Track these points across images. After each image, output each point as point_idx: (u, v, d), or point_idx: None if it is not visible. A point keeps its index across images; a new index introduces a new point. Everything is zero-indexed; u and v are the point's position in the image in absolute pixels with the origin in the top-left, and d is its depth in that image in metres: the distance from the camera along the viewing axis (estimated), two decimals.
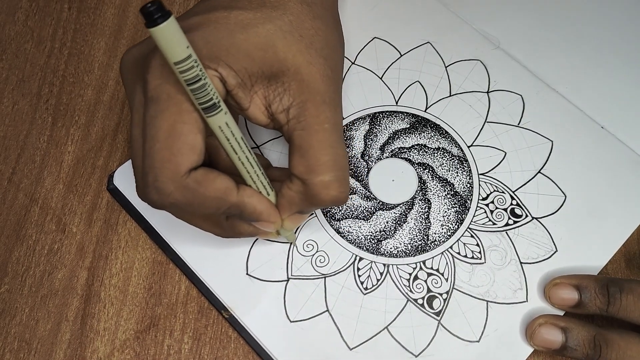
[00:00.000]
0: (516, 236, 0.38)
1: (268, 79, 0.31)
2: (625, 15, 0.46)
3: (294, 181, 0.32)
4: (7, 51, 0.45)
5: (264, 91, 0.31)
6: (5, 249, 0.39)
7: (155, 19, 0.25)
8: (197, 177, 0.29)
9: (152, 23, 0.25)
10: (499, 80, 0.43)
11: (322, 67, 0.31)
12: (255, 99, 0.31)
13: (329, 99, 0.31)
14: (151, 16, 0.25)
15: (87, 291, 0.37)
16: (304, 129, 0.31)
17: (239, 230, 0.34)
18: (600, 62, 0.44)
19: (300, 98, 0.31)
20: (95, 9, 0.47)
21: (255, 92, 0.31)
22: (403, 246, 0.38)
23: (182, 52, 0.26)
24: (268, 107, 0.31)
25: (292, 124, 0.31)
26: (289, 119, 0.31)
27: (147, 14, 0.25)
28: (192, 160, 0.29)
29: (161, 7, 0.25)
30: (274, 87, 0.31)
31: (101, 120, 0.42)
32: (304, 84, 0.31)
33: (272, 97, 0.31)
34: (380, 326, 0.36)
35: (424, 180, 0.40)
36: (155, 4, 0.25)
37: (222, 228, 0.34)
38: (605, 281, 0.35)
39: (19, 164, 0.41)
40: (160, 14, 0.25)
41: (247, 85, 0.31)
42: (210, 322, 0.37)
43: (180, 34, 0.26)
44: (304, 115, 0.31)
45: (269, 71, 0.30)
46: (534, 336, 0.34)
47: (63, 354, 0.36)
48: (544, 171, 0.40)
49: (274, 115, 0.32)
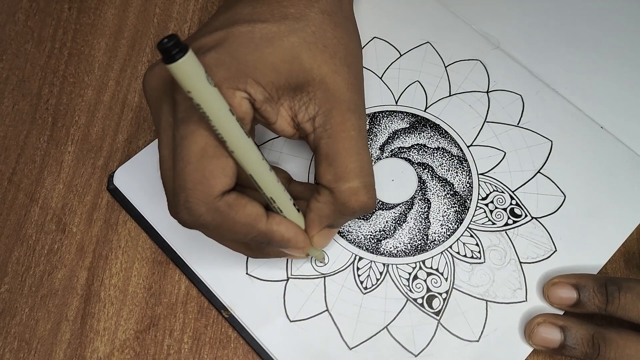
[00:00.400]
0: (516, 236, 0.38)
1: (294, 90, 0.31)
2: (625, 15, 0.46)
3: (321, 192, 0.32)
4: (7, 51, 0.45)
5: (290, 102, 0.31)
6: (5, 248, 0.39)
7: (173, 55, 0.24)
8: (229, 200, 0.29)
9: (170, 59, 0.24)
10: (499, 80, 0.43)
11: (347, 76, 0.31)
12: (281, 111, 0.31)
13: (354, 106, 0.31)
14: (169, 52, 0.24)
15: (87, 291, 0.37)
16: (331, 137, 0.31)
17: (267, 252, 0.34)
18: (600, 62, 0.44)
19: (326, 106, 0.31)
20: (96, 9, 0.47)
21: (281, 104, 0.31)
22: (403, 246, 0.38)
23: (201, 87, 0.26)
24: (294, 117, 0.31)
25: (318, 132, 0.31)
26: (315, 128, 0.31)
27: (165, 50, 0.24)
28: (224, 183, 0.29)
29: (178, 42, 0.24)
30: (299, 97, 0.31)
31: (101, 121, 0.43)
32: (330, 92, 0.31)
33: (297, 107, 0.31)
34: (379, 326, 0.36)
35: (423, 180, 0.40)
36: (172, 40, 0.24)
37: (251, 250, 0.34)
38: (603, 280, 0.35)
39: (19, 164, 0.41)
40: (177, 49, 0.24)
41: (274, 99, 0.31)
42: (210, 321, 0.37)
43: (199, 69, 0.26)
44: (330, 123, 0.31)
45: (295, 82, 0.30)
46: (532, 335, 0.35)
47: (63, 353, 0.36)
48: (543, 171, 0.40)
49: (299, 125, 0.32)
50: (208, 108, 0.27)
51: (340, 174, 0.31)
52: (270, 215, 0.31)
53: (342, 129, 0.31)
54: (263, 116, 0.31)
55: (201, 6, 0.47)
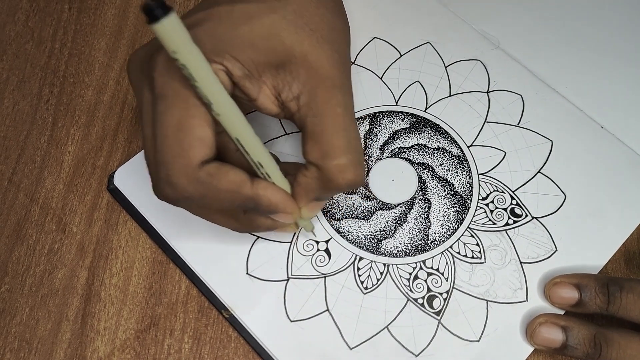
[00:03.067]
0: (516, 236, 0.38)
1: (276, 68, 0.31)
2: (625, 15, 0.46)
3: (309, 168, 0.32)
4: (7, 52, 0.45)
5: (273, 80, 0.31)
6: (6, 248, 0.39)
7: (156, 15, 0.25)
8: (210, 170, 0.29)
9: (153, 19, 0.25)
10: (499, 80, 0.43)
11: (329, 52, 0.31)
12: (264, 89, 0.31)
13: (339, 82, 0.31)
14: (152, 12, 0.25)
15: (88, 291, 0.37)
16: (316, 115, 0.31)
17: (256, 223, 0.34)
18: (600, 62, 0.44)
19: (309, 84, 0.31)
20: (96, 9, 0.47)
21: (263, 82, 0.31)
22: (403, 246, 0.38)
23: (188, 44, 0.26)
24: (278, 96, 0.31)
25: (303, 110, 0.31)
26: (300, 106, 0.31)
27: (148, 10, 0.25)
28: (203, 154, 0.29)
29: (162, 3, 0.25)
30: (283, 76, 0.31)
31: (101, 120, 0.43)
32: (312, 70, 0.31)
33: (281, 85, 0.31)
34: (380, 326, 0.36)
35: (424, 180, 0.40)
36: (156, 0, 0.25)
37: (239, 222, 0.34)
38: (605, 280, 0.35)
39: (20, 164, 0.41)
40: (161, 9, 0.25)
41: (255, 76, 0.31)
42: (210, 321, 0.37)
43: (182, 29, 0.26)
44: (314, 101, 0.31)
45: (276, 60, 0.30)
46: (534, 335, 0.34)
47: (63, 353, 0.36)
48: (543, 171, 0.40)
49: (284, 104, 0.32)
50: (193, 67, 0.27)
51: (327, 151, 0.31)
52: (256, 180, 0.31)
53: (328, 106, 0.31)
54: (243, 92, 0.31)
55: None
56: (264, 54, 0.30)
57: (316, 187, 0.32)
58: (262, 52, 0.30)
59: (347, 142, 0.31)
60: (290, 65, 0.31)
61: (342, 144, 0.31)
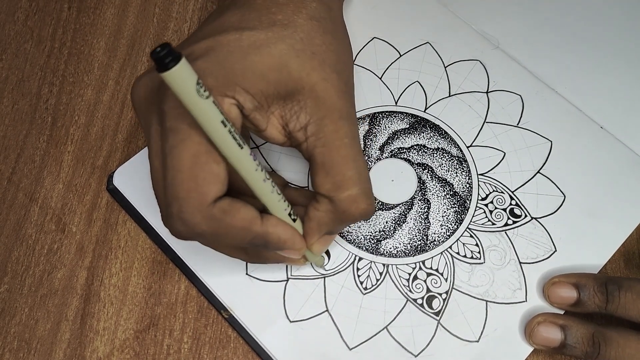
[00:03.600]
0: (515, 236, 0.38)
1: (284, 98, 0.31)
2: (625, 15, 0.46)
3: (320, 201, 0.32)
4: (6, 51, 0.45)
5: (280, 110, 0.31)
6: (5, 248, 0.39)
7: (166, 64, 0.25)
8: (224, 206, 0.29)
9: (163, 67, 0.25)
10: (498, 81, 0.43)
11: (337, 83, 0.31)
12: (272, 118, 0.31)
13: (346, 113, 0.31)
14: (162, 61, 0.24)
15: (87, 291, 0.37)
16: (325, 145, 0.31)
17: (264, 257, 0.34)
18: (600, 62, 0.44)
19: (317, 115, 0.31)
20: (95, 9, 0.47)
21: (271, 112, 0.31)
22: (402, 246, 0.38)
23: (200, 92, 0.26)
24: (285, 126, 0.31)
25: (311, 141, 0.31)
26: (308, 137, 0.31)
27: (158, 59, 0.24)
28: (217, 190, 0.29)
29: (171, 50, 0.24)
30: (290, 106, 0.31)
31: (101, 120, 0.42)
32: (320, 100, 0.31)
33: (288, 115, 0.31)
34: (379, 326, 0.36)
35: (423, 180, 0.40)
36: (165, 48, 0.24)
37: (248, 255, 0.34)
38: (603, 279, 0.35)
39: (19, 163, 0.41)
40: (171, 57, 0.24)
41: (264, 107, 0.31)
42: (209, 321, 0.37)
43: (192, 75, 0.26)
44: (322, 131, 0.31)
45: (285, 91, 0.30)
46: (533, 334, 0.35)
47: (63, 353, 0.36)
48: (543, 171, 0.40)
49: (291, 134, 0.32)
50: (202, 116, 0.27)
51: (339, 183, 0.31)
52: (265, 217, 0.31)
53: (336, 137, 0.31)
54: (253, 123, 0.31)
55: (201, 6, 0.47)
56: (273, 86, 0.30)
57: (329, 220, 0.32)
58: (272, 83, 0.30)
59: (358, 172, 0.31)
60: (298, 95, 0.31)
61: (353, 175, 0.31)
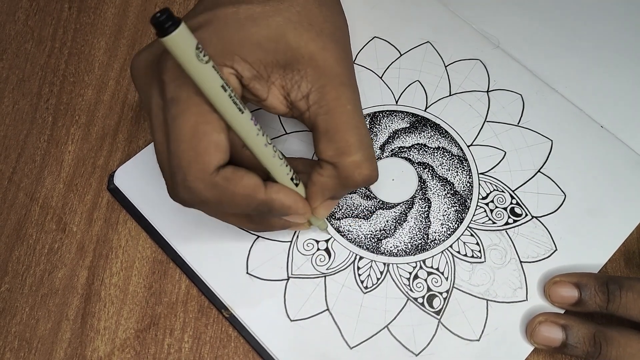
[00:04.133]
0: (516, 235, 0.38)
1: (283, 68, 0.31)
2: (625, 14, 0.46)
3: (324, 166, 0.32)
4: (7, 51, 0.45)
5: (281, 80, 0.31)
6: (6, 248, 0.39)
7: (166, 28, 0.25)
8: (226, 174, 0.30)
9: (163, 32, 0.25)
10: (499, 80, 0.43)
11: (335, 51, 0.32)
12: (272, 89, 0.32)
13: (346, 80, 0.32)
14: (162, 25, 0.25)
15: (88, 290, 0.37)
16: (327, 112, 0.31)
17: (270, 223, 0.34)
18: (600, 61, 0.44)
19: (318, 83, 0.31)
20: (96, 8, 0.47)
21: (272, 82, 0.31)
22: (403, 245, 0.38)
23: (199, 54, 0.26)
24: (287, 96, 0.32)
25: (313, 109, 0.31)
26: (310, 105, 0.31)
27: (158, 23, 0.25)
28: (219, 159, 0.29)
29: (171, 15, 0.25)
30: (291, 76, 0.31)
31: (101, 120, 0.43)
32: (320, 69, 0.31)
33: (289, 85, 0.31)
34: (380, 325, 0.36)
35: (424, 179, 0.40)
36: (164, 13, 0.25)
37: (254, 222, 0.34)
38: (605, 279, 0.35)
39: (20, 163, 0.41)
40: (170, 22, 0.25)
41: (264, 77, 0.31)
42: (210, 321, 0.37)
43: (192, 40, 0.26)
44: (324, 99, 0.31)
45: (284, 60, 0.31)
46: (534, 334, 0.35)
47: (63, 353, 0.36)
48: (543, 170, 0.40)
49: (293, 104, 0.32)
50: (203, 81, 0.27)
51: (342, 149, 0.31)
52: (269, 184, 0.32)
53: (338, 103, 0.31)
54: (253, 93, 0.31)
55: None
56: (272, 55, 0.30)
57: (333, 185, 0.32)
58: (270, 52, 0.30)
59: (360, 138, 0.31)
60: (298, 64, 0.31)
61: (356, 141, 0.31)
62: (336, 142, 0.31)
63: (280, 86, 0.31)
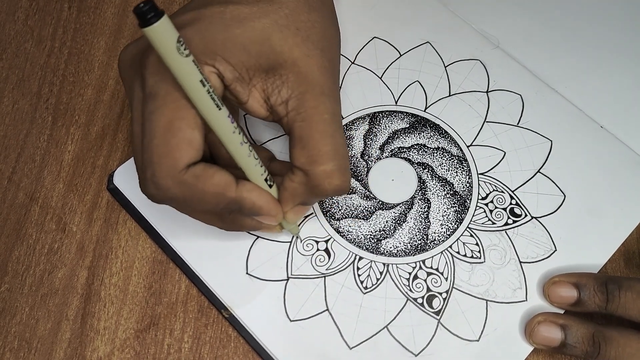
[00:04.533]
0: (515, 235, 0.38)
1: (266, 71, 0.31)
2: (625, 14, 0.46)
3: (296, 172, 0.32)
4: (7, 50, 0.45)
5: (262, 84, 0.31)
6: (6, 248, 0.39)
7: (148, 19, 0.25)
8: (196, 172, 0.30)
9: (145, 23, 0.25)
10: (499, 80, 0.43)
11: (320, 59, 0.31)
12: (253, 92, 0.31)
13: (327, 89, 0.31)
14: (144, 16, 0.25)
15: (87, 290, 0.37)
16: (304, 120, 0.31)
17: (240, 223, 0.34)
18: (600, 61, 0.44)
19: (298, 90, 0.31)
20: (95, 8, 0.47)
21: (253, 85, 0.31)
22: (403, 245, 0.38)
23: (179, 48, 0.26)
24: (267, 99, 0.32)
25: (291, 115, 0.31)
26: (289, 111, 0.31)
27: (140, 14, 0.25)
28: (190, 156, 0.29)
29: (154, 6, 0.25)
30: (272, 80, 0.31)
31: (101, 120, 0.43)
32: (302, 75, 0.31)
33: (270, 89, 0.31)
34: (380, 325, 0.36)
35: (423, 179, 0.40)
36: (147, 4, 0.25)
37: (223, 221, 0.34)
38: (604, 279, 0.35)
39: (19, 163, 0.41)
40: (153, 13, 0.25)
41: (245, 79, 0.31)
42: (210, 321, 0.37)
43: (174, 33, 0.26)
44: (303, 106, 0.31)
45: (266, 64, 0.31)
46: (533, 334, 0.35)
47: (63, 353, 0.36)
48: (543, 171, 0.40)
49: (273, 108, 0.32)
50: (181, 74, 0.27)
51: (314, 157, 0.31)
52: (241, 182, 0.31)
53: (316, 112, 0.31)
54: (234, 95, 0.31)
55: None
56: (255, 58, 0.30)
57: (302, 192, 0.32)
58: (254, 55, 0.30)
59: (334, 148, 0.31)
60: (280, 69, 0.31)
61: (329, 150, 0.31)
62: (309, 150, 0.31)
63: (261, 89, 0.31)
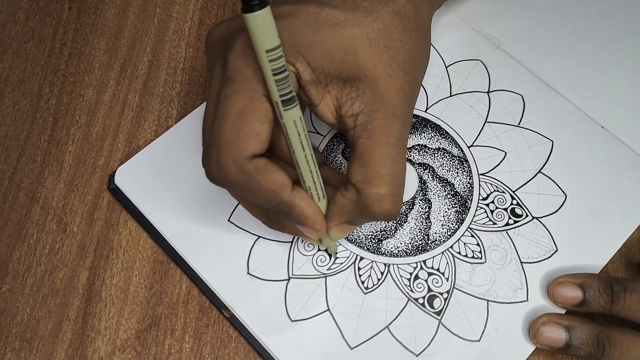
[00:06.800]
0: (516, 236, 0.38)
1: (344, 81, 0.31)
2: (625, 15, 0.46)
3: (348, 189, 0.32)
4: (7, 51, 0.45)
5: (337, 92, 0.31)
6: (7, 248, 0.39)
7: (252, 5, 0.25)
8: (259, 165, 0.30)
9: (248, 9, 0.26)
10: (499, 80, 0.43)
11: (400, 81, 0.31)
12: (326, 97, 0.31)
13: (400, 113, 0.31)
14: (249, 1, 0.25)
15: (88, 290, 0.37)
16: (369, 137, 0.31)
17: (283, 225, 0.34)
18: (601, 62, 0.44)
19: (371, 106, 0.31)
20: (96, 8, 0.47)
21: (328, 91, 0.31)
22: (404, 246, 0.38)
23: (273, 42, 0.27)
24: (338, 108, 0.31)
25: (358, 130, 0.31)
26: (356, 125, 0.31)
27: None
28: (256, 147, 0.29)
29: None
30: (348, 91, 0.31)
31: (102, 120, 0.42)
32: (379, 94, 0.30)
33: (344, 99, 0.31)
34: (381, 325, 0.36)
35: (424, 180, 0.40)
36: None
37: (269, 218, 0.35)
38: (609, 280, 0.35)
39: (20, 163, 0.41)
40: (258, 0, 0.25)
41: (322, 83, 0.31)
42: (211, 321, 0.37)
43: (272, 24, 0.26)
44: (371, 124, 0.30)
45: (346, 74, 0.30)
46: (537, 335, 0.35)
47: (64, 353, 0.36)
48: (544, 171, 0.40)
49: (342, 118, 0.31)
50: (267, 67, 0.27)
51: (370, 177, 0.31)
52: (296, 188, 0.31)
53: (383, 132, 0.31)
54: (307, 95, 0.31)
55: (201, 6, 0.47)
56: (336, 66, 0.30)
57: (351, 210, 0.32)
58: (336, 63, 0.30)
59: (392, 172, 0.31)
60: (358, 82, 0.30)
61: (387, 174, 0.31)
62: (367, 169, 0.30)
63: (334, 97, 0.31)
